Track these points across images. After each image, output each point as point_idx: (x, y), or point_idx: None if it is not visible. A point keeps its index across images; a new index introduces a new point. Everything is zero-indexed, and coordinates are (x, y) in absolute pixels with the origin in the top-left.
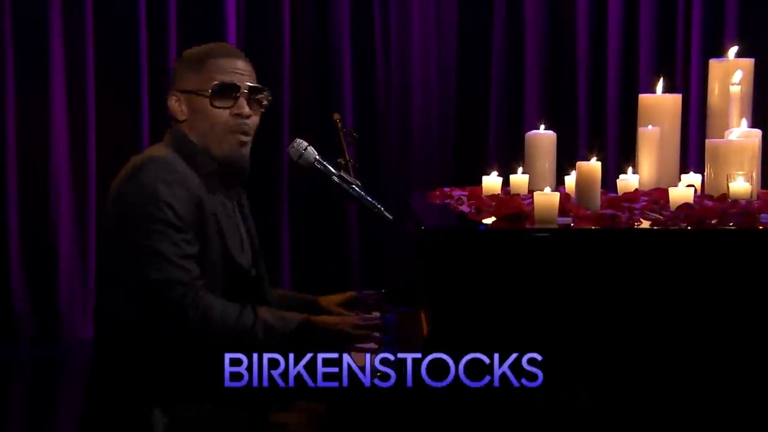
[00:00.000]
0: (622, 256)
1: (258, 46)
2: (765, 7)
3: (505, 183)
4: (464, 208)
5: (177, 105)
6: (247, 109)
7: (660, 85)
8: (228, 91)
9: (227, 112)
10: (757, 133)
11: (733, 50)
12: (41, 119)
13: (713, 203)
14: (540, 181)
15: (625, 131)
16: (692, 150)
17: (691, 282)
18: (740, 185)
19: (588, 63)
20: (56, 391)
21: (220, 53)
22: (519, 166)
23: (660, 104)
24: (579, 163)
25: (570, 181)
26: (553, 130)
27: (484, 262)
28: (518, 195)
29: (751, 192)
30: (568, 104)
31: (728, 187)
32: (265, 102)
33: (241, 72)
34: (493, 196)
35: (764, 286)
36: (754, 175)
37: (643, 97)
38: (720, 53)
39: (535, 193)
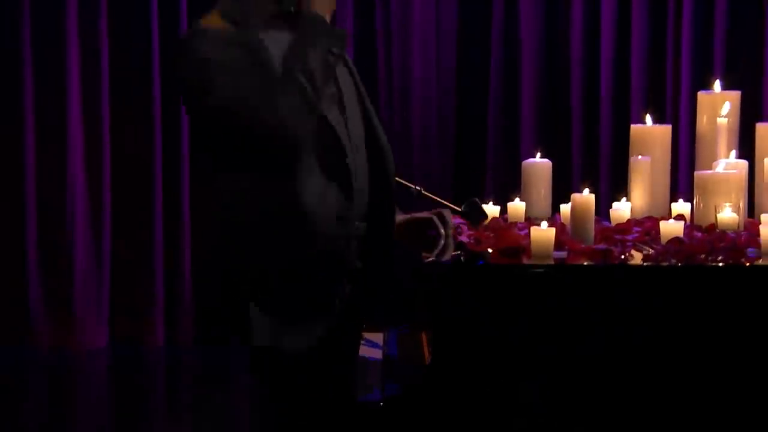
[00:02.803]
0: (614, 291)
1: None
2: (749, 43)
3: (503, 210)
4: (463, 238)
5: None
6: None
7: (650, 117)
8: None
9: None
10: (744, 164)
11: (718, 83)
12: (59, 131)
13: (702, 235)
14: (536, 208)
15: (617, 160)
16: (682, 178)
17: (682, 317)
18: (728, 216)
19: (581, 93)
20: (73, 397)
21: None
22: (515, 194)
23: (651, 135)
24: (573, 196)
25: (565, 209)
26: (549, 159)
27: (482, 295)
28: (515, 224)
29: (738, 222)
30: (563, 133)
31: (716, 217)
32: None
33: None
34: (492, 226)
35: (752, 320)
36: (740, 205)
37: (635, 128)
38: (707, 86)
39: (532, 228)
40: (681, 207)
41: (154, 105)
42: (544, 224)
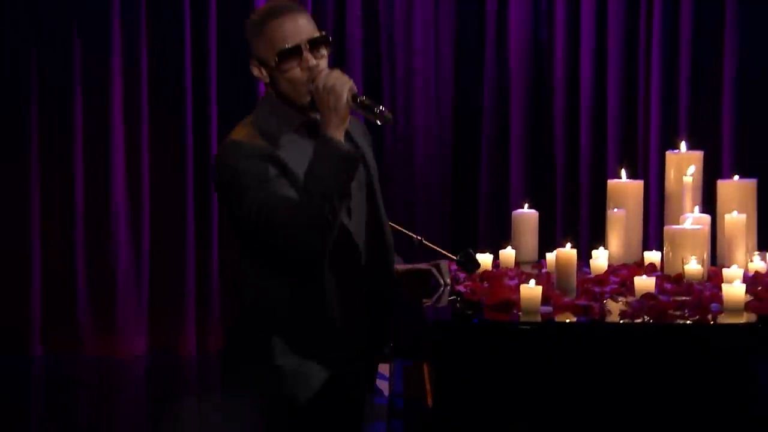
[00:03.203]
0: (594, 346)
1: None
2: (711, 109)
3: (495, 255)
4: (461, 288)
5: (257, 71)
6: (313, 61)
7: (624, 173)
8: (290, 54)
9: (297, 68)
10: (707, 219)
11: (684, 144)
12: (103, 158)
13: (671, 286)
14: (525, 253)
15: (596, 208)
16: (652, 227)
17: (655, 370)
18: (693, 267)
19: (564, 150)
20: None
21: (275, 15)
22: (506, 241)
23: (625, 189)
24: (558, 251)
25: (551, 257)
26: (536, 209)
27: (477, 349)
28: (507, 272)
29: (703, 273)
30: (548, 186)
31: (683, 269)
32: (327, 48)
33: (298, 29)
34: (486, 274)
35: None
36: (705, 257)
37: (611, 183)
38: (674, 146)
39: (521, 286)
40: (652, 256)
41: (186, 127)
42: (532, 282)
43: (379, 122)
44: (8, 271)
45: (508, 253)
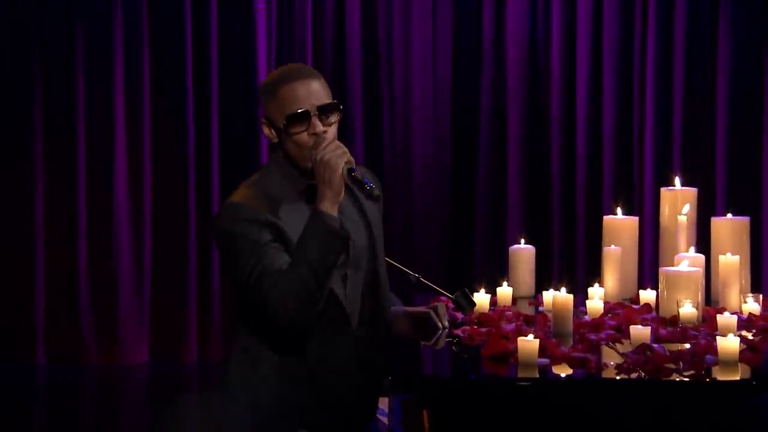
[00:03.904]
0: (590, 401)
1: None
2: (704, 146)
3: (493, 292)
4: (459, 333)
5: (267, 131)
6: (321, 128)
7: (620, 209)
8: (298, 118)
9: (304, 133)
10: (702, 259)
11: (678, 180)
12: (106, 164)
13: (666, 332)
14: (522, 288)
15: (591, 247)
16: (647, 263)
17: (651, 426)
18: (688, 311)
19: (560, 188)
20: (117, 405)
21: (289, 79)
22: (502, 276)
23: (620, 226)
24: (554, 295)
25: (548, 297)
26: (532, 241)
27: (476, 404)
28: (504, 313)
29: (698, 316)
30: (544, 221)
31: (678, 312)
32: (337, 115)
33: (309, 95)
34: (483, 317)
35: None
36: (699, 299)
37: (607, 219)
38: (668, 182)
39: (519, 339)
40: (648, 295)
41: (188, 137)
42: (530, 336)
43: (368, 196)
44: (10, 280)
45: (505, 291)
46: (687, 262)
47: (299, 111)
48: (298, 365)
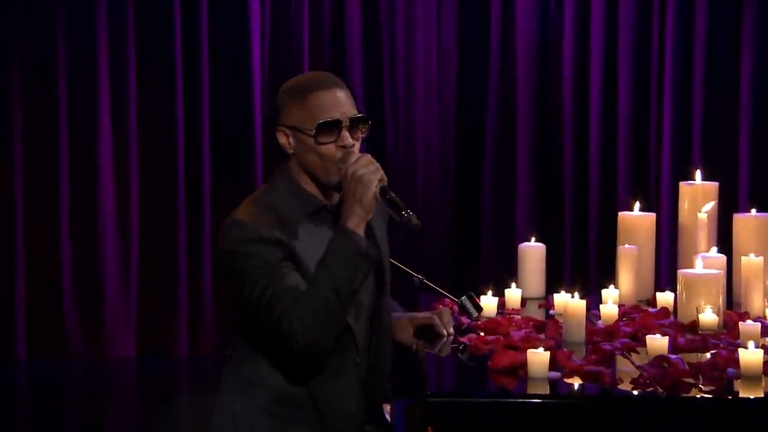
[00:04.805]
0: (604, 419)
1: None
2: (724, 138)
3: (501, 294)
4: (465, 341)
5: (285, 139)
6: (350, 141)
7: (637, 205)
8: (331, 127)
9: (333, 144)
10: (722, 261)
11: (699, 174)
12: (89, 162)
13: (685, 341)
14: (531, 289)
15: (605, 245)
16: (664, 264)
17: None
18: (708, 317)
19: (572, 182)
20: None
21: (319, 86)
22: (510, 277)
23: (636, 223)
24: (566, 301)
25: (559, 300)
26: (542, 239)
27: (482, 421)
28: (512, 320)
29: (718, 322)
30: (555, 218)
31: (698, 318)
32: (365, 130)
33: (340, 104)
34: (491, 324)
35: None
36: (720, 304)
37: (622, 216)
38: (688, 176)
39: (529, 352)
40: (665, 298)
41: (177, 136)
42: (540, 349)
43: (404, 223)
44: None
45: (514, 294)
46: (706, 258)
47: (331, 120)
48: (299, 394)
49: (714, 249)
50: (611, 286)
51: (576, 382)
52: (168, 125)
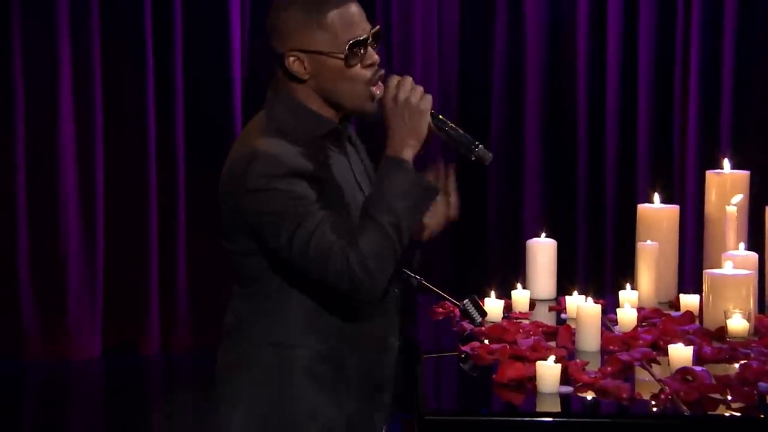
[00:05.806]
0: None
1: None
2: (756, 123)
3: (507, 295)
4: (467, 349)
5: (298, 65)
6: (377, 57)
7: (657, 197)
8: (359, 47)
9: (359, 65)
10: (754, 260)
11: (727, 162)
12: (50, 144)
13: (711, 351)
14: (541, 290)
15: (623, 241)
16: (688, 263)
17: None
18: (737, 323)
19: (586, 172)
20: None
21: (337, 2)
22: (517, 277)
23: (658, 216)
24: (579, 306)
25: (571, 303)
26: (553, 239)
27: None
28: (520, 325)
29: (749, 329)
30: (567, 212)
31: (726, 324)
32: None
33: (362, 19)
34: (495, 330)
35: None
36: (750, 309)
37: (642, 209)
38: (715, 165)
39: (538, 364)
40: (690, 300)
41: (148, 114)
42: (551, 359)
43: (471, 158)
44: None
45: (521, 296)
46: (735, 256)
47: (362, 38)
48: (340, 349)
49: (743, 245)
50: (629, 287)
51: (590, 397)
52: (138, 105)
